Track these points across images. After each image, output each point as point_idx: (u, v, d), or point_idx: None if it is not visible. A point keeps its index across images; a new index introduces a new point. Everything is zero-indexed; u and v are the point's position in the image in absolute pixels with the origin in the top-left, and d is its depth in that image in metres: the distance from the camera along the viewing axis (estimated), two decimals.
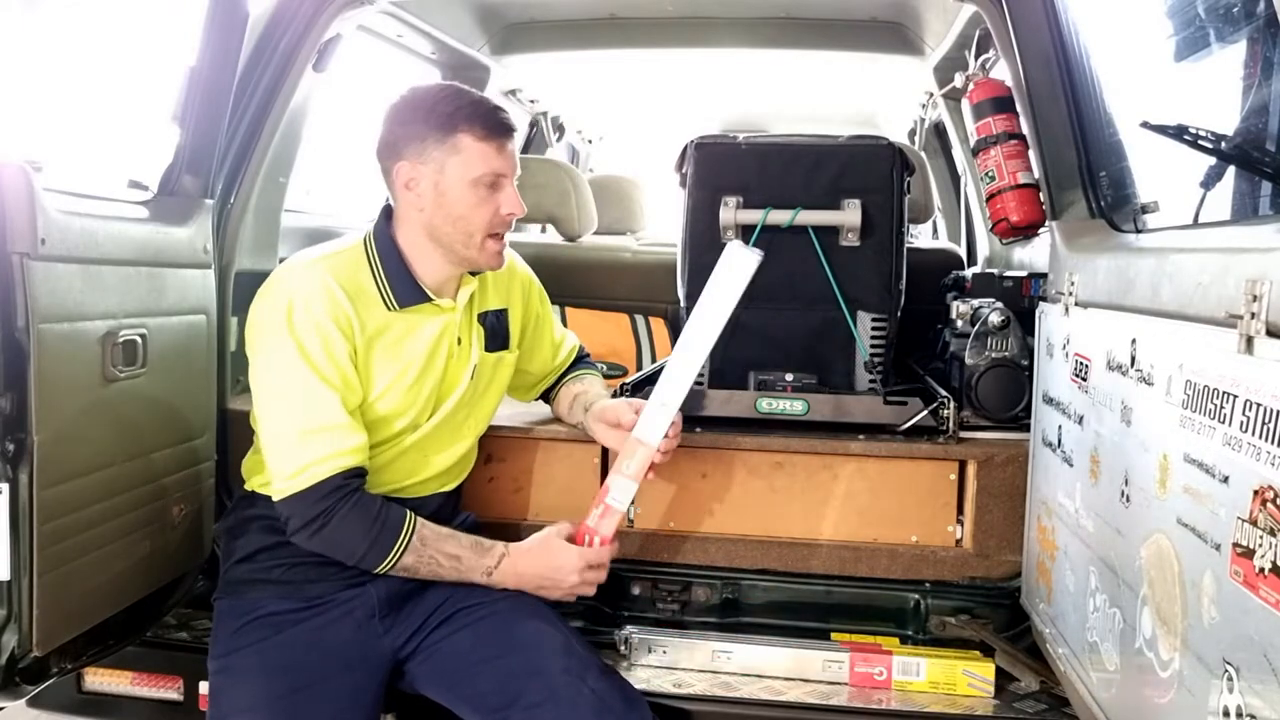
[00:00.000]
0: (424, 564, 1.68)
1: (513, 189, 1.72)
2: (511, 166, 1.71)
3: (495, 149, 1.67)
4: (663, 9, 2.86)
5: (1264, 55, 1.49)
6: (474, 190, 1.68)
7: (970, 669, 1.86)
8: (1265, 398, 0.99)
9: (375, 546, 1.65)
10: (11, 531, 1.49)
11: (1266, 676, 0.96)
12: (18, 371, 1.48)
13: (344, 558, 1.67)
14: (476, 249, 1.71)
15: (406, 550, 1.66)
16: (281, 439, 1.64)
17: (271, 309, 1.65)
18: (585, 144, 4.85)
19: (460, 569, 1.71)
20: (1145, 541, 1.28)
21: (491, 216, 1.69)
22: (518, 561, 1.74)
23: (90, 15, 1.97)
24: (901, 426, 2.01)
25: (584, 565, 1.75)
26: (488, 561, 1.72)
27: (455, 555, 1.71)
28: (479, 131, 1.67)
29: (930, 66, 2.95)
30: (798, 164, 2.14)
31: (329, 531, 1.63)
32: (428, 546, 1.68)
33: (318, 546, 1.66)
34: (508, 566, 1.72)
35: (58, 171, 1.59)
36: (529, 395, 2.12)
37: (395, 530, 1.66)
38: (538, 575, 1.74)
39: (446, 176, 1.68)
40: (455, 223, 1.70)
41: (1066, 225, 1.90)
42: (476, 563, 1.71)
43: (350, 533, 1.63)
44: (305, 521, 1.63)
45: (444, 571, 1.70)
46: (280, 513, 1.65)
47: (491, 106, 1.71)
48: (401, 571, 1.68)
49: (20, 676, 1.57)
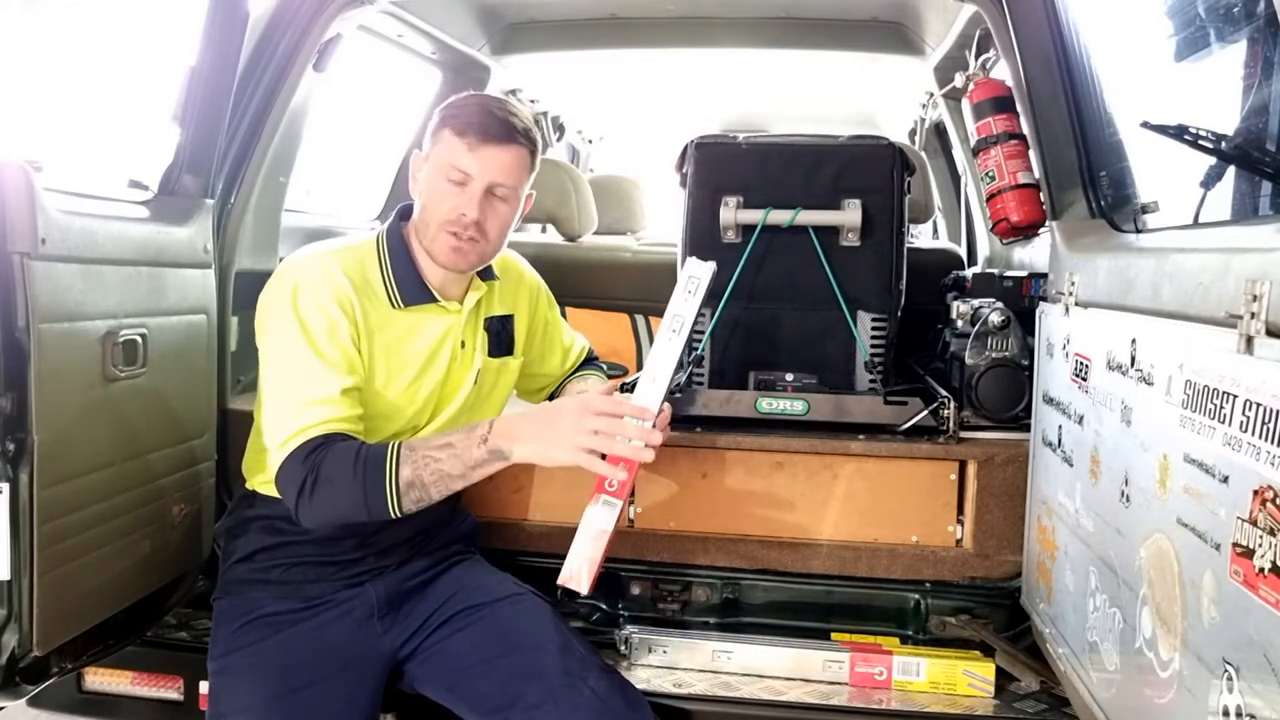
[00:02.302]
0: (422, 467, 1.57)
1: (477, 192, 1.66)
2: (483, 169, 1.66)
3: (466, 146, 1.66)
4: (663, 9, 2.86)
5: (1264, 55, 1.49)
6: (440, 182, 1.68)
7: (970, 669, 1.86)
8: (1265, 398, 0.99)
9: (368, 480, 1.55)
10: (11, 531, 1.49)
11: (1266, 676, 0.96)
12: (18, 371, 1.48)
13: (350, 510, 1.58)
14: (430, 239, 1.71)
15: (400, 464, 1.56)
16: (277, 416, 1.61)
17: (278, 294, 1.65)
18: (585, 144, 4.85)
19: (457, 453, 1.59)
20: (1145, 541, 1.28)
21: (448, 211, 1.68)
22: (510, 417, 1.64)
23: (90, 15, 1.97)
24: (902, 426, 2.01)
25: (587, 410, 1.56)
26: (479, 432, 1.60)
27: (447, 443, 1.60)
28: (458, 127, 1.67)
29: (930, 66, 2.95)
30: (798, 164, 2.14)
31: (321, 487, 1.55)
32: (417, 451, 1.58)
33: (321, 512, 1.58)
34: (500, 426, 1.60)
35: (58, 171, 1.59)
36: (539, 397, 2.13)
37: (380, 454, 1.57)
38: (534, 422, 1.60)
39: (429, 165, 1.71)
40: (422, 209, 1.72)
41: (1067, 225, 1.90)
42: (469, 438, 1.59)
43: (338, 478, 1.55)
44: (297, 487, 1.55)
45: (444, 464, 1.58)
46: (279, 491, 1.60)
47: (488, 110, 1.69)
48: (409, 492, 1.56)
49: (20, 676, 1.57)
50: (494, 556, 1.90)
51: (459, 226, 1.68)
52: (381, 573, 1.76)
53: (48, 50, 1.82)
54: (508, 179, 1.69)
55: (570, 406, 1.59)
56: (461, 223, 1.67)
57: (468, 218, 1.67)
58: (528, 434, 1.58)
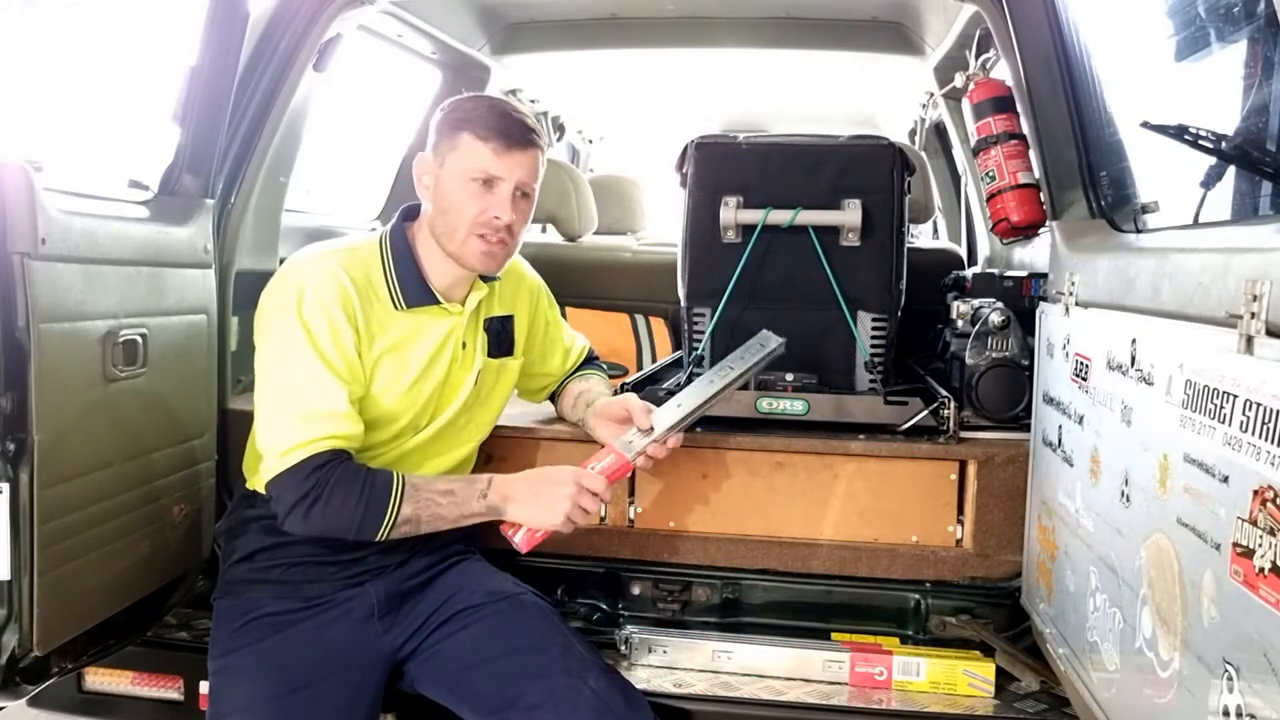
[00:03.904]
0: (423, 508, 1.65)
1: (507, 195, 1.69)
2: (511, 172, 1.69)
3: (493, 151, 1.67)
4: (663, 9, 2.86)
5: (1264, 55, 1.49)
6: (465, 186, 1.69)
7: (970, 669, 1.86)
8: (1265, 397, 0.99)
9: (369, 510, 1.61)
10: (12, 531, 1.50)
11: (1266, 676, 0.96)
12: (18, 371, 1.48)
13: (340, 530, 1.63)
14: (460, 244, 1.71)
15: (404, 501, 1.63)
16: (278, 420, 1.63)
17: (282, 295, 1.66)
18: (585, 144, 4.85)
19: (457, 501, 1.67)
20: (1145, 541, 1.28)
21: (477, 215, 1.69)
22: (510, 479, 1.70)
23: (90, 15, 1.97)
24: (902, 426, 2.01)
25: (579, 481, 1.68)
26: (479, 486, 1.68)
27: (449, 490, 1.68)
28: (481, 132, 1.68)
29: (930, 66, 2.95)
30: (798, 164, 2.14)
31: (320, 505, 1.59)
32: (420, 491, 1.66)
33: (313, 526, 1.62)
34: (500, 484, 1.68)
35: (58, 171, 1.59)
36: (539, 397, 2.13)
37: (385, 487, 1.63)
38: (530, 488, 1.69)
39: (445, 170, 1.71)
40: (444, 215, 1.72)
41: (1067, 225, 1.90)
42: (470, 490, 1.68)
43: (342, 501, 1.60)
44: (297, 499, 1.59)
45: (443, 509, 1.66)
46: (270, 495, 1.63)
47: (505, 113, 1.71)
48: (403, 526, 1.64)
49: (21, 676, 1.57)
50: (494, 556, 1.90)
51: (490, 229, 1.70)
52: (381, 572, 1.76)
53: (48, 50, 1.82)
54: (533, 180, 1.74)
55: (565, 479, 1.68)
56: (493, 225, 1.70)
57: (501, 220, 1.70)
58: (523, 497, 1.68)
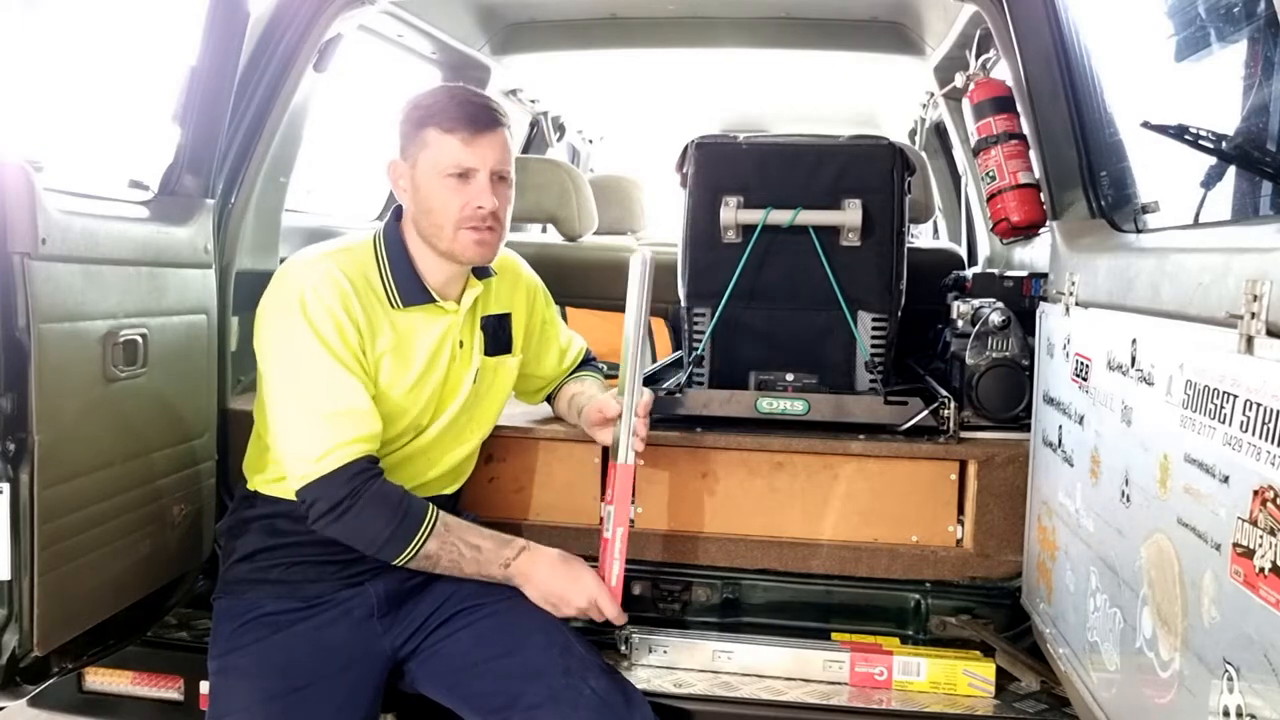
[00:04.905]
0: (446, 552, 1.66)
1: (485, 182, 1.68)
2: (484, 160, 1.67)
3: (461, 141, 1.66)
4: (663, 9, 2.86)
5: (1264, 55, 1.49)
6: (441, 182, 1.68)
7: (971, 669, 1.86)
8: (1265, 398, 0.99)
9: (398, 533, 1.63)
10: (12, 531, 1.49)
11: (1267, 676, 0.96)
12: (18, 371, 1.48)
13: (364, 545, 1.65)
14: (450, 240, 1.70)
15: (431, 536, 1.64)
16: (302, 423, 1.63)
17: (283, 298, 1.66)
18: (585, 144, 4.86)
19: (480, 559, 1.68)
20: (1145, 541, 1.28)
21: (460, 208, 1.68)
22: (538, 560, 1.71)
23: (91, 15, 1.97)
24: (902, 426, 2.01)
25: (595, 599, 1.71)
26: (507, 553, 1.70)
27: (476, 545, 1.69)
28: (445, 124, 1.67)
29: (931, 66, 2.95)
30: (798, 164, 2.14)
31: (352, 516, 1.61)
32: (451, 533, 1.67)
33: (339, 532, 1.63)
34: (525, 561, 1.70)
35: (58, 171, 1.59)
36: (536, 399, 2.13)
37: (419, 518, 1.64)
38: (556, 585, 1.71)
39: (419, 170, 1.70)
40: (428, 215, 1.71)
41: (1067, 225, 1.90)
42: (496, 554, 1.69)
43: (374, 518, 1.62)
44: (331, 505, 1.60)
45: (464, 561, 1.68)
46: (303, 498, 1.63)
47: (466, 100, 1.69)
48: (422, 560, 1.65)
49: (21, 676, 1.57)
50: None
51: (477, 219, 1.69)
52: (381, 572, 1.76)
53: (48, 50, 1.82)
54: (507, 162, 1.73)
55: (585, 590, 1.71)
56: (479, 215, 1.69)
57: (486, 209, 1.69)
58: (544, 585, 1.71)
